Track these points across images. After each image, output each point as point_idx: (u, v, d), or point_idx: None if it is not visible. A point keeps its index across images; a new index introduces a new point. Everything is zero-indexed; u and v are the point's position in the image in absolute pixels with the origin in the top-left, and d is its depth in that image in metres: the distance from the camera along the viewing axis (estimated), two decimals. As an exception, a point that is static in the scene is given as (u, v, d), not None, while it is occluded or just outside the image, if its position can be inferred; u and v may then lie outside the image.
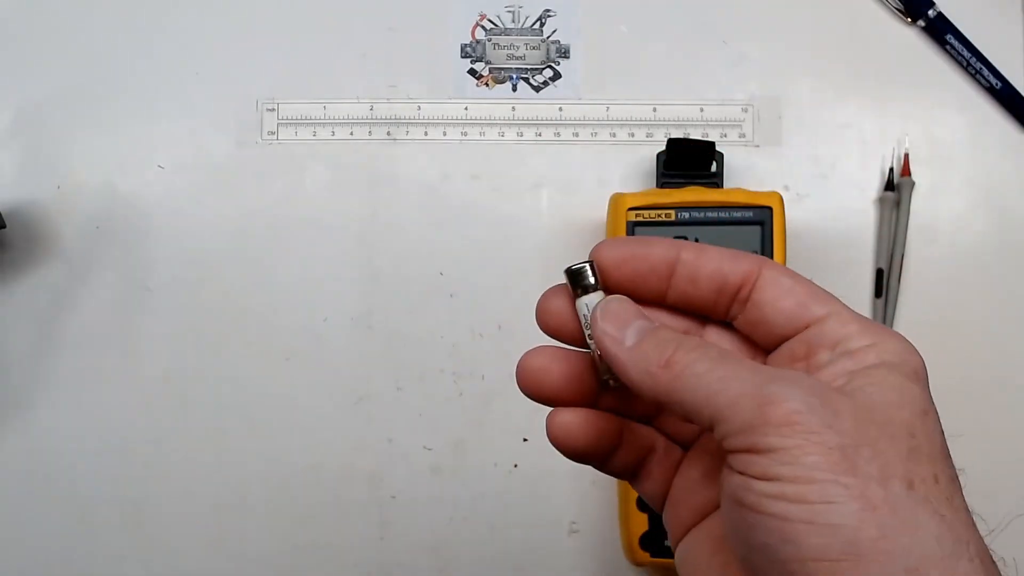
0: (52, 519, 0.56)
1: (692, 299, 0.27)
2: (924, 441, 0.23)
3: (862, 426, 0.23)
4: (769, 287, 0.26)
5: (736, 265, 0.27)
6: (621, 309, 0.27)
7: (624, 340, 0.26)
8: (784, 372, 0.24)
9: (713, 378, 0.24)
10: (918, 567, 0.21)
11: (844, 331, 0.25)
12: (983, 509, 0.23)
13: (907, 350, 0.25)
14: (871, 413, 0.23)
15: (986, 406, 0.56)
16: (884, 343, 0.25)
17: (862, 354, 0.25)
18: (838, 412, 0.23)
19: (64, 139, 0.57)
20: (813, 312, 0.26)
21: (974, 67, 0.56)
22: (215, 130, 0.57)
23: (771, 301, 0.26)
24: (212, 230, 0.57)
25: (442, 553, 0.55)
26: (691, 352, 0.25)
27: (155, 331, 0.56)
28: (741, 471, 0.23)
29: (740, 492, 0.23)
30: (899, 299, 0.55)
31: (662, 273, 0.27)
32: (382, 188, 0.57)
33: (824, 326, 0.26)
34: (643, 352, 0.25)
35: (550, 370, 0.28)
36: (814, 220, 0.56)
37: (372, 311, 0.56)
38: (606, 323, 0.26)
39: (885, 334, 0.25)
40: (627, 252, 0.27)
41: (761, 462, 0.22)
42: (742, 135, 0.57)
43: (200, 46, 0.58)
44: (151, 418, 0.56)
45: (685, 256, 0.27)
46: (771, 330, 0.26)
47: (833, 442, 0.22)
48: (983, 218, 0.56)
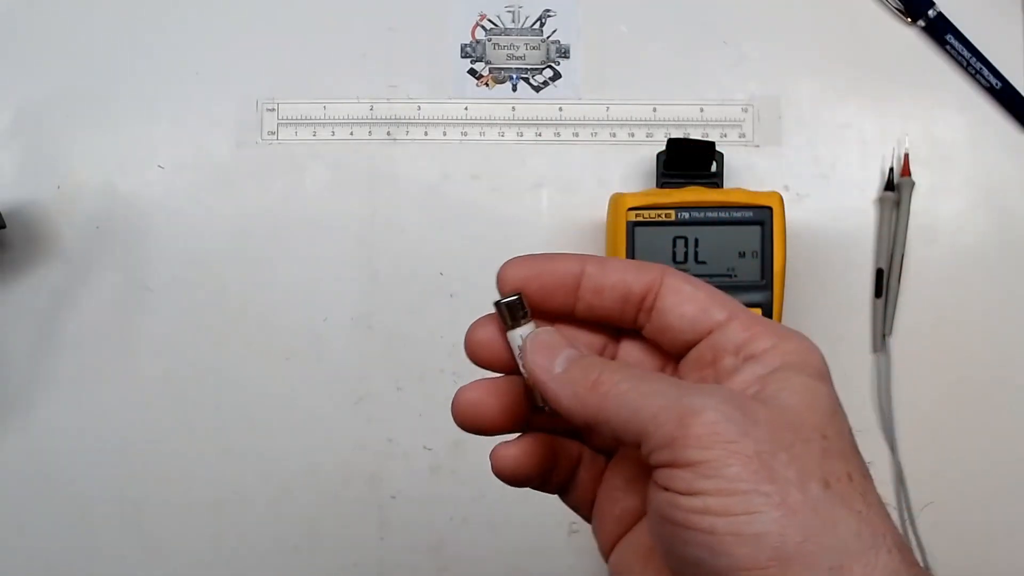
0: (52, 519, 0.56)
1: (599, 311, 0.28)
2: (835, 440, 0.24)
3: (778, 431, 0.23)
4: (671, 294, 0.27)
5: (639, 275, 0.28)
6: (550, 340, 0.28)
7: (553, 369, 0.27)
8: (702, 386, 0.25)
9: (636, 395, 0.25)
10: (842, 564, 0.22)
11: (746, 334, 0.26)
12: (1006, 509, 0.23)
13: (807, 349, 0.26)
14: (785, 417, 0.24)
15: (986, 406, 0.56)
16: (784, 344, 0.26)
17: (766, 357, 0.26)
18: (755, 420, 0.23)
19: (64, 139, 0.57)
20: (714, 317, 0.27)
21: (974, 67, 0.56)
22: (215, 130, 0.57)
23: (673, 308, 0.27)
24: (212, 230, 0.57)
25: (442, 553, 0.55)
26: (615, 373, 0.26)
27: (155, 331, 0.56)
28: (666, 486, 0.23)
29: (666, 508, 0.23)
30: (899, 299, 0.55)
31: (569, 287, 0.28)
32: (382, 188, 0.57)
33: (726, 330, 0.26)
34: (571, 377, 0.26)
35: (487, 403, 0.28)
36: (814, 220, 0.56)
37: (372, 311, 0.56)
38: (536, 354, 0.27)
39: (785, 335, 0.26)
40: (533, 269, 0.28)
41: (684, 476, 0.23)
42: (742, 135, 0.57)
43: (200, 46, 0.58)
44: (151, 418, 0.56)
45: (589, 269, 0.28)
46: (677, 336, 0.27)
47: (751, 450, 0.23)
48: (983, 218, 0.56)
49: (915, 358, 0.56)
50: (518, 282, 0.28)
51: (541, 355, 0.27)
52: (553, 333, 0.28)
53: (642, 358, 0.29)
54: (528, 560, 0.55)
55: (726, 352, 0.26)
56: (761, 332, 0.26)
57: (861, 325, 0.56)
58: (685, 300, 0.27)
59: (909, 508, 0.55)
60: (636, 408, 0.24)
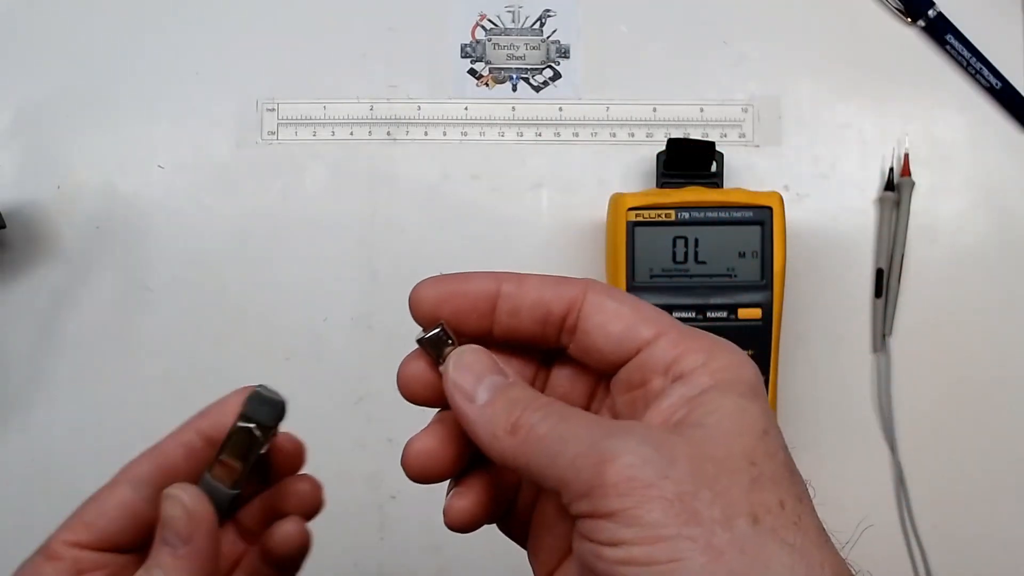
0: (52, 518, 0.56)
1: (519, 333, 0.27)
2: (766, 466, 0.23)
3: (700, 467, 0.22)
4: (594, 314, 0.26)
5: (558, 292, 0.26)
6: (475, 361, 0.26)
7: (476, 397, 0.25)
8: (621, 424, 0.24)
9: (554, 440, 0.23)
10: None
11: (674, 352, 0.25)
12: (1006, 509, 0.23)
13: (738, 363, 0.25)
14: (709, 449, 0.23)
15: (986, 406, 0.56)
16: (715, 360, 0.25)
17: (695, 376, 0.24)
18: (674, 458, 0.22)
19: (64, 139, 0.57)
20: (641, 335, 0.25)
21: (974, 67, 0.56)
22: (215, 130, 0.57)
23: (597, 328, 0.26)
24: (212, 230, 0.57)
25: (442, 553, 0.55)
26: (536, 412, 0.24)
27: (155, 331, 0.56)
28: (588, 537, 0.22)
29: (591, 559, 0.22)
30: (899, 299, 0.55)
31: (483, 309, 0.26)
32: (382, 188, 0.57)
33: (654, 349, 0.25)
34: (492, 414, 0.25)
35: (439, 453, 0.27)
36: (814, 220, 0.56)
37: (372, 311, 0.56)
38: (459, 376, 0.26)
39: (715, 350, 0.25)
40: (444, 291, 0.27)
41: (606, 527, 0.22)
42: (742, 135, 0.57)
43: (200, 46, 0.58)
44: (151, 418, 0.56)
45: (506, 288, 0.26)
46: (604, 357, 0.26)
47: (671, 492, 0.21)
48: (983, 218, 0.56)
49: (915, 358, 0.56)
50: (430, 306, 0.27)
51: (463, 378, 0.26)
52: (478, 352, 0.26)
53: (573, 380, 0.28)
54: (528, 560, 0.55)
55: (655, 373, 0.25)
56: (690, 349, 0.25)
57: (861, 325, 0.56)
58: (609, 319, 0.26)
59: (909, 508, 0.55)
60: (553, 455, 0.23)
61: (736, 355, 0.25)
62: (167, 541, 0.27)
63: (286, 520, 0.31)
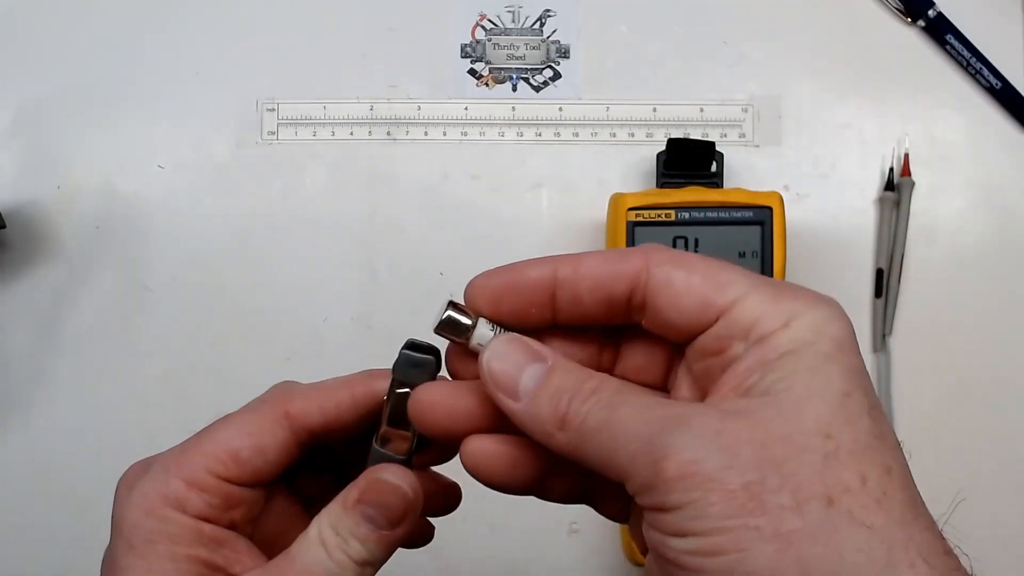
0: (52, 518, 0.56)
1: (584, 318, 0.25)
2: (845, 436, 0.21)
3: (765, 450, 0.21)
4: (662, 291, 0.24)
5: (618, 270, 0.24)
6: (510, 351, 0.25)
7: (519, 394, 0.24)
8: (676, 413, 0.23)
9: (607, 436, 0.23)
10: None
11: (755, 314, 0.23)
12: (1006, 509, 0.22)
13: (826, 318, 0.23)
14: (777, 426, 0.21)
15: (986, 406, 0.56)
16: (799, 318, 0.23)
17: (774, 340, 0.23)
18: (736, 445, 0.21)
19: (64, 139, 0.57)
20: (717, 303, 0.23)
21: (974, 67, 0.56)
22: (215, 130, 0.57)
23: (668, 304, 0.24)
24: (212, 230, 0.57)
25: (442, 553, 0.55)
26: (585, 401, 0.23)
27: (155, 331, 0.56)
28: (655, 527, 0.22)
29: (660, 548, 0.22)
30: (899, 299, 0.55)
31: (542, 302, 0.25)
32: (382, 188, 0.57)
33: (733, 314, 0.23)
34: (538, 409, 0.24)
35: (449, 404, 0.26)
36: (814, 220, 0.56)
37: (372, 311, 0.56)
38: (496, 374, 0.24)
39: (801, 306, 0.23)
40: (498, 289, 0.25)
41: (671, 519, 0.21)
42: (742, 135, 0.57)
43: (200, 46, 0.58)
44: (151, 418, 0.56)
45: (562, 274, 0.24)
46: (680, 331, 0.24)
47: (735, 482, 0.21)
48: (983, 218, 0.56)
49: (915, 358, 0.56)
50: (488, 310, 0.25)
51: (501, 374, 0.24)
52: (511, 342, 0.25)
53: (648, 351, 0.26)
54: (528, 560, 0.55)
55: (733, 339, 0.23)
56: (772, 310, 0.23)
57: (861, 325, 0.56)
58: (679, 292, 0.24)
59: (909, 508, 0.55)
60: (609, 452, 0.23)
61: (823, 309, 0.23)
62: (373, 519, 0.26)
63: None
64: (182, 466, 0.26)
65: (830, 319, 0.23)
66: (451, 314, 0.25)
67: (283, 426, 0.27)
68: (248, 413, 0.28)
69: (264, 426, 0.27)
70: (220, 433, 0.27)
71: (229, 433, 0.27)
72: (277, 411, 0.27)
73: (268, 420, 0.27)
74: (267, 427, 0.27)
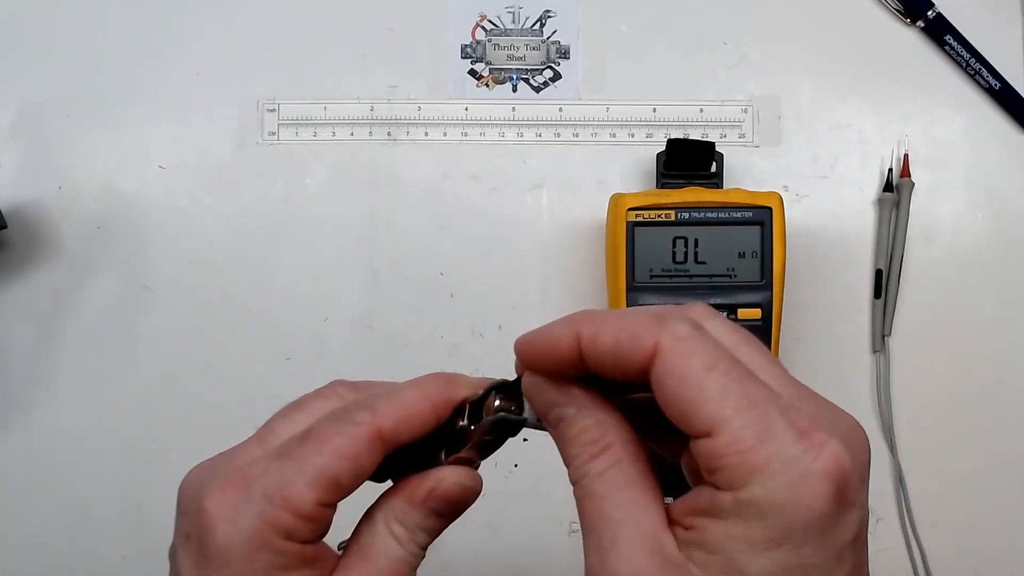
0: (52, 519, 0.56)
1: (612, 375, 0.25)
2: None
3: None
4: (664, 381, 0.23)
5: (633, 344, 0.23)
6: (537, 392, 0.27)
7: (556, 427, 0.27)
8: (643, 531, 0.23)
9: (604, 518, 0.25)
10: None
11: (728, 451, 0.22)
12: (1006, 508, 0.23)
13: (796, 484, 0.21)
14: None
15: (986, 406, 0.56)
16: (769, 478, 0.21)
17: (724, 497, 0.22)
18: None
19: (65, 139, 0.57)
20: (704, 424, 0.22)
21: (973, 67, 0.56)
22: (215, 130, 0.57)
23: (666, 400, 0.23)
24: (212, 230, 0.57)
25: (442, 553, 0.55)
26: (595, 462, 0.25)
27: (155, 331, 0.56)
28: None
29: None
30: (898, 299, 0.55)
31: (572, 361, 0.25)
32: (382, 188, 0.57)
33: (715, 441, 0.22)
34: (565, 450, 0.26)
35: None
36: (814, 220, 0.56)
37: (372, 311, 0.56)
38: (539, 409, 0.27)
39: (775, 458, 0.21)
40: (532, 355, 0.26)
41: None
42: (742, 135, 0.57)
43: (200, 46, 0.58)
44: (151, 418, 0.56)
45: (585, 334, 0.24)
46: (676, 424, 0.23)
47: None
48: (983, 218, 0.57)
49: (915, 358, 0.56)
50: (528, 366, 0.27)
51: (544, 409, 0.27)
52: (537, 385, 0.27)
53: None
54: (528, 560, 0.55)
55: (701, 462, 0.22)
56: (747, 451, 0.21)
57: (861, 325, 0.56)
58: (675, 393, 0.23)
59: (909, 508, 0.55)
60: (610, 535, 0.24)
61: (800, 469, 0.21)
62: (440, 513, 0.28)
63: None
64: (289, 499, 0.26)
65: (813, 492, 0.21)
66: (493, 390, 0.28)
67: (378, 448, 0.28)
68: (339, 436, 0.27)
69: (361, 449, 0.27)
70: (317, 458, 0.27)
71: (328, 460, 0.27)
72: (369, 431, 0.27)
73: (363, 442, 0.27)
74: (364, 450, 0.27)
